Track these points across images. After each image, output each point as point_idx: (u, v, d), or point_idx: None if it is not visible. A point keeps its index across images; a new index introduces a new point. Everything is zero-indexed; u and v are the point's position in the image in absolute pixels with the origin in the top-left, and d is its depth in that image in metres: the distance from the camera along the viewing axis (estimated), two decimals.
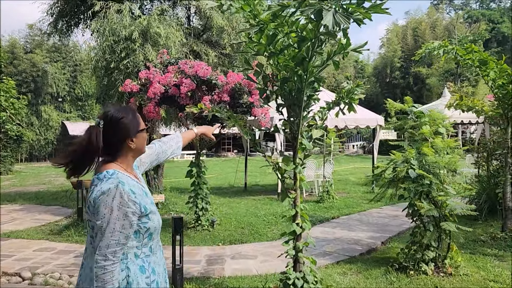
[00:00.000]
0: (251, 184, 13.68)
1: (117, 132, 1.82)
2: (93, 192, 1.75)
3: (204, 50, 9.12)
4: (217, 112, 3.69)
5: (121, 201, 1.72)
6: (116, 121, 1.82)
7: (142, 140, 1.92)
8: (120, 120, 1.83)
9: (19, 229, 7.29)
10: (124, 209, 1.72)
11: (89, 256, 1.81)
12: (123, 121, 1.84)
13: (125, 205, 1.73)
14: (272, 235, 6.94)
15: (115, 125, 1.82)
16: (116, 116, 1.83)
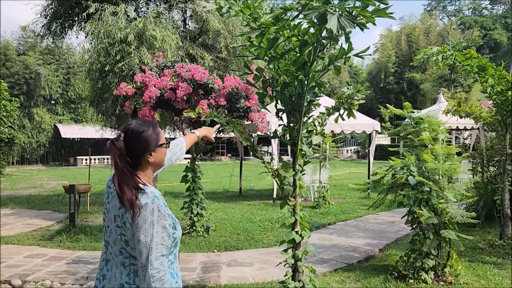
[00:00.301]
0: (246, 188, 13.58)
1: (137, 145, 1.84)
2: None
3: (200, 54, 9.03)
4: (215, 117, 3.60)
5: (159, 214, 1.75)
6: (136, 134, 1.85)
7: (161, 155, 1.93)
8: (140, 133, 1.85)
9: (10, 235, 7.12)
10: (162, 222, 1.76)
11: (115, 267, 1.83)
12: (143, 135, 1.85)
13: (162, 218, 1.76)
14: (268, 241, 6.84)
15: (135, 138, 1.84)
16: (136, 130, 1.86)
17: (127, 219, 1.75)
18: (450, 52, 5.89)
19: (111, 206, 1.84)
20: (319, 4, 2.67)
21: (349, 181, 15.35)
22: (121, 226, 1.78)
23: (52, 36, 9.67)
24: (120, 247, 1.81)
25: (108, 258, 1.87)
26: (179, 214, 8.59)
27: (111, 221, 1.84)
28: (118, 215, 1.78)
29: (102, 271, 1.89)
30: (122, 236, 1.79)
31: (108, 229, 1.86)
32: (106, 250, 1.89)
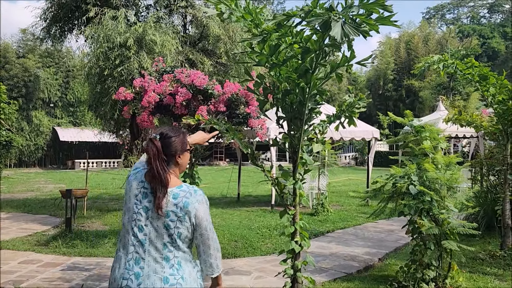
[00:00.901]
0: (244, 194, 13.51)
1: (169, 147, 2.06)
2: (189, 202, 1.98)
3: (200, 59, 9.01)
4: (215, 124, 3.54)
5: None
6: (169, 137, 2.08)
7: (186, 158, 2.18)
8: (172, 137, 2.08)
9: (5, 239, 7.03)
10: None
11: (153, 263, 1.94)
12: (175, 139, 2.09)
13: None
14: (266, 249, 6.76)
15: (168, 141, 2.06)
16: (169, 134, 2.09)
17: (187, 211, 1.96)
18: (451, 61, 5.87)
19: (153, 205, 1.96)
20: (322, 11, 2.63)
21: (347, 188, 15.31)
22: (177, 221, 1.95)
23: (51, 39, 9.64)
24: (166, 242, 1.94)
25: (142, 257, 1.95)
26: None
27: (155, 220, 1.96)
28: (173, 211, 1.95)
29: (133, 270, 1.94)
30: (175, 231, 1.94)
31: (146, 228, 1.97)
32: (136, 250, 1.96)
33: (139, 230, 1.97)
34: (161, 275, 1.92)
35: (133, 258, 1.96)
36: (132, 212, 2.01)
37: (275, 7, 53.44)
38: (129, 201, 2.05)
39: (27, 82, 29.88)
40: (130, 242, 1.99)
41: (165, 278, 1.92)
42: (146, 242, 1.96)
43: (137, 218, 2.00)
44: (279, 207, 10.70)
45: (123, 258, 2.00)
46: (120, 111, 7.25)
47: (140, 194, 2.02)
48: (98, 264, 5.73)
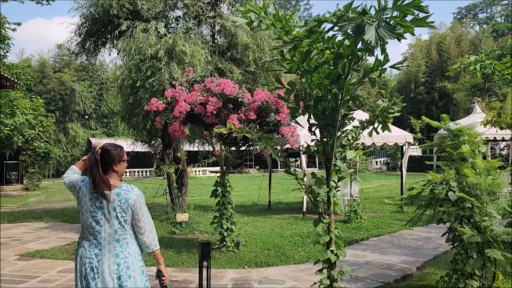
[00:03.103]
0: (274, 201, 13.44)
1: (107, 158, 2.75)
2: (129, 198, 2.70)
3: (229, 68, 9.06)
4: (247, 133, 3.53)
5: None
6: (108, 151, 2.77)
7: (123, 167, 2.85)
8: (110, 151, 2.77)
9: (44, 248, 7.25)
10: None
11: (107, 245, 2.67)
12: (113, 152, 2.78)
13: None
14: (299, 257, 6.67)
15: (107, 154, 2.76)
16: (109, 149, 2.77)
17: (128, 204, 2.68)
18: (488, 61, 5.65)
19: (105, 205, 2.66)
20: (355, 15, 2.58)
21: (380, 194, 14.98)
22: (122, 211, 2.67)
23: (86, 53, 9.96)
24: (116, 229, 2.67)
25: (99, 242, 2.66)
26: (209, 229, 8.57)
27: (106, 214, 2.66)
28: (119, 205, 2.66)
29: (93, 251, 2.66)
30: (122, 219, 2.67)
31: (101, 221, 2.66)
32: (95, 240, 2.67)
33: (96, 224, 2.67)
34: (113, 252, 2.66)
35: (93, 244, 2.68)
36: (89, 211, 2.69)
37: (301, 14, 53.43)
38: (85, 203, 2.71)
39: (63, 95, 31.02)
40: (90, 233, 2.69)
41: (116, 254, 2.66)
42: (102, 231, 2.66)
43: (94, 215, 2.69)
44: (311, 215, 10.58)
45: (86, 245, 2.71)
46: (152, 122, 7.37)
47: (94, 198, 2.69)
48: None
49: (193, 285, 5.29)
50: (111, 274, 2.62)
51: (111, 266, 2.63)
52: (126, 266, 2.66)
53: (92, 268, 2.63)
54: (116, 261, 2.64)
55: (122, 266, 2.65)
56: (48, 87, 30.56)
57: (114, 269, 2.63)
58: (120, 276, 2.64)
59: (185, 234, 8.45)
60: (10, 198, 17.08)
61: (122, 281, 2.64)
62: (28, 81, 17.39)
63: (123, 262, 2.65)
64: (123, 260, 2.65)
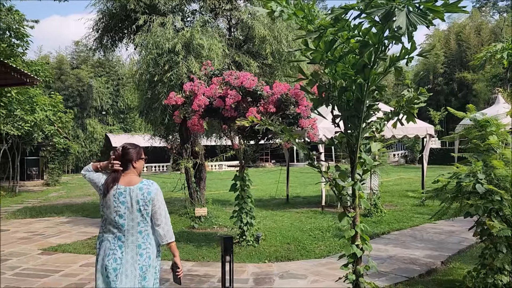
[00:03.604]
0: (292, 195, 13.37)
1: (127, 156, 2.94)
2: (151, 191, 2.87)
3: (246, 61, 8.99)
4: (269, 126, 3.46)
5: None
6: (128, 149, 2.96)
7: (141, 164, 3.04)
8: (130, 149, 2.97)
9: (66, 243, 7.34)
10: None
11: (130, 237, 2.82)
12: (132, 150, 2.97)
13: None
14: (320, 251, 6.60)
15: (127, 151, 2.95)
16: (128, 147, 2.97)
17: (150, 198, 2.85)
18: None
19: (129, 199, 2.82)
20: (384, 1, 2.47)
21: (399, 187, 14.76)
22: (144, 204, 2.83)
23: (103, 49, 10.00)
24: (139, 221, 2.83)
25: (123, 235, 2.80)
26: (228, 223, 8.56)
27: (129, 207, 2.81)
28: (142, 199, 2.82)
29: (117, 244, 2.80)
30: (145, 212, 2.83)
31: (124, 215, 2.80)
32: (118, 232, 2.80)
33: (119, 217, 2.80)
34: (136, 243, 2.81)
35: (116, 236, 2.81)
36: (113, 206, 2.81)
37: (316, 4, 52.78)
38: (108, 199, 2.82)
39: (81, 91, 31.38)
40: (114, 226, 2.82)
41: (139, 245, 2.82)
42: (125, 225, 2.80)
43: (117, 210, 2.81)
44: (330, 208, 10.48)
45: (109, 238, 2.83)
46: (171, 116, 7.36)
47: (117, 193, 2.83)
48: None
49: (214, 279, 5.27)
50: (134, 264, 2.77)
51: (134, 257, 2.78)
52: (148, 256, 2.82)
53: (115, 259, 2.76)
54: (139, 251, 2.79)
55: (144, 257, 2.81)
56: (66, 83, 30.97)
57: (136, 259, 2.78)
58: (142, 266, 2.79)
59: (204, 229, 8.45)
60: (31, 193, 17.41)
61: (145, 271, 2.79)
62: (46, 77, 17.58)
63: (145, 253, 2.81)
64: (145, 251, 2.81)
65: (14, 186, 17.29)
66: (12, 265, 6.03)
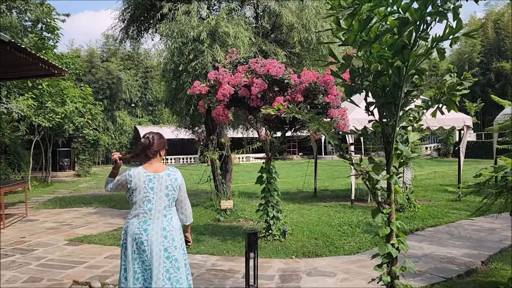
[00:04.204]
0: (320, 189, 13.04)
1: (156, 145, 3.12)
2: (177, 178, 3.12)
3: (273, 50, 8.71)
4: (297, 114, 3.19)
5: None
6: (158, 138, 3.15)
7: (164, 153, 3.21)
8: (161, 138, 3.18)
9: (92, 234, 7.33)
10: None
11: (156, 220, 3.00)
12: (161, 140, 3.16)
13: None
14: (349, 248, 6.31)
15: (156, 141, 3.13)
16: (156, 137, 3.15)
17: (177, 183, 3.10)
18: None
19: (157, 184, 3.03)
20: None
21: (433, 182, 14.17)
22: (172, 190, 3.07)
23: (129, 39, 9.93)
24: (165, 205, 3.04)
25: (149, 218, 2.97)
26: (254, 216, 8.36)
27: (158, 192, 3.02)
28: (170, 184, 3.06)
29: (142, 227, 2.95)
30: (172, 196, 3.07)
31: (153, 200, 3.00)
32: (145, 216, 2.98)
33: (148, 202, 2.99)
34: (161, 226, 2.98)
35: (142, 221, 2.97)
36: (143, 192, 3.00)
37: None
38: (139, 186, 2.99)
39: (110, 84, 31.86)
40: (142, 211, 2.99)
41: (163, 228, 2.99)
42: (153, 209, 2.99)
43: (147, 195, 3.00)
44: (359, 203, 10.12)
45: (135, 222, 2.98)
46: (195, 106, 7.19)
47: (147, 180, 3.02)
48: None
49: (238, 275, 5.08)
50: (159, 246, 2.92)
51: (158, 239, 2.93)
52: (171, 238, 2.98)
53: (142, 242, 2.91)
54: (163, 234, 2.95)
55: (168, 238, 2.97)
56: (96, 76, 31.52)
57: (161, 241, 2.93)
58: (167, 248, 2.94)
59: (229, 222, 8.29)
60: (62, 183, 17.79)
61: (170, 252, 2.95)
62: (76, 70, 17.84)
63: (169, 235, 2.98)
64: (169, 233, 2.98)
65: (46, 176, 17.70)
66: (38, 255, 6.04)
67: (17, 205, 11.01)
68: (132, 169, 3.06)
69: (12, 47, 7.28)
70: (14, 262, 5.70)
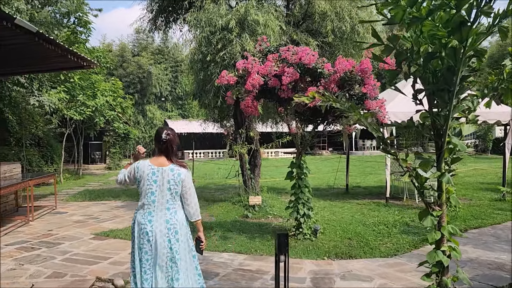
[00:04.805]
0: (352, 185, 12.56)
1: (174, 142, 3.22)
2: (181, 173, 3.14)
3: (305, 39, 8.32)
4: (335, 102, 2.84)
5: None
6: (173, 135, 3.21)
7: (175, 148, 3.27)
8: (174, 135, 3.23)
9: (118, 228, 7.20)
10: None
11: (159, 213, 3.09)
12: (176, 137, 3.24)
13: None
14: (386, 249, 5.89)
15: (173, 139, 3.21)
16: (172, 133, 3.21)
17: (180, 178, 3.12)
18: None
19: (160, 178, 3.11)
20: None
21: (473, 179, 13.41)
22: (174, 184, 3.10)
23: (157, 30, 9.77)
24: (168, 199, 3.09)
25: (153, 209, 3.08)
26: (283, 213, 8.05)
27: (161, 186, 3.09)
28: (172, 179, 3.10)
29: (147, 218, 3.07)
30: (174, 191, 3.10)
31: (156, 192, 3.09)
32: (149, 208, 3.08)
33: (151, 194, 3.09)
34: (164, 219, 3.06)
35: (147, 212, 3.08)
36: (146, 184, 3.11)
37: None
38: (143, 178, 3.12)
39: (141, 78, 32.18)
40: (146, 202, 3.10)
41: (167, 220, 3.06)
42: (156, 201, 3.08)
43: (150, 187, 3.10)
44: (394, 200, 9.61)
45: (141, 213, 3.12)
46: (223, 98, 6.92)
47: (150, 173, 3.12)
48: (204, 259, 5.44)
49: (267, 276, 4.78)
50: (162, 237, 3.03)
51: (162, 230, 3.04)
52: (174, 231, 3.07)
53: (147, 232, 3.04)
54: (167, 226, 3.05)
55: (171, 231, 3.06)
56: (127, 70, 31.89)
57: (165, 233, 3.04)
58: (170, 239, 3.04)
59: (258, 218, 8.00)
60: (93, 176, 18.02)
61: (172, 244, 3.04)
62: (107, 64, 17.98)
63: (172, 228, 3.07)
64: (172, 226, 3.07)
65: (78, 169, 17.97)
66: (63, 249, 5.94)
67: (48, 197, 11.13)
68: (140, 161, 3.26)
69: (40, 38, 7.24)
70: (39, 256, 5.61)
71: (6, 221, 7.78)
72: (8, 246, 6.12)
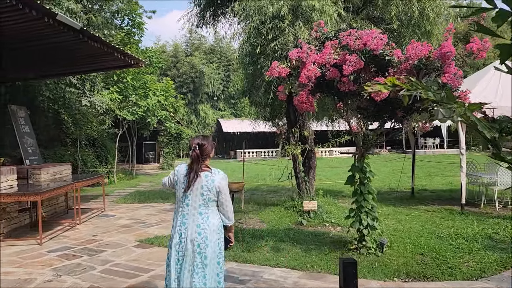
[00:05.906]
0: (418, 188, 11.40)
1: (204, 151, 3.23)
2: (214, 179, 3.15)
3: (366, 27, 7.42)
4: (425, 91, 2.05)
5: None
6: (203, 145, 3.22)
7: (213, 153, 3.36)
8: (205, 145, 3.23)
9: (163, 235, 6.75)
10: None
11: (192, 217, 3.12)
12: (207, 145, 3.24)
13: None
14: (468, 270, 4.92)
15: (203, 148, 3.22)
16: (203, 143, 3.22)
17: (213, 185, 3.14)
18: None
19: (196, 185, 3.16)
20: None
21: None
22: (207, 190, 3.13)
23: (205, 25, 9.29)
24: (200, 203, 3.14)
25: (187, 213, 3.13)
26: (342, 221, 7.25)
27: (194, 190, 3.13)
28: (205, 185, 3.13)
29: (181, 222, 3.13)
30: (207, 197, 3.14)
31: (189, 197, 3.14)
32: (183, 211, 3.15)
33: (185, 198, 3.17)
34: (196, 223, 3.12)
35: (181, 215, 3.16)
36: (181, 187, 3.18)
37: None
38: (179, 181, 3.20)
39: (194, 78, 32.36)
40: (181, 205, 3.18)
41: (198, 225, 3.11)
42: (189, 206, 3.15)
43: (185, 192, 3.17)
44: (471, 207, 8.45)
45: (178, 215, 3.19)
46: (275, 94, 6.25)
47: (186, 177, 3.18)
48: (254, 275, 4.81)
49: None
50: (192, 241, 3.05)
51: (193, 235, 3.06)
52: (205, 236, 3.06)
53: (180, 234, 3.11)
54: (197, 230, 3.06)
55: (202, 235, 3.06)
56: (180, 70, 32.20)
57: (195, 237, 3.05)
58: (199, 244, 3.04)
59: (313, 226, 7.24)
60: (146, 176, 18.06)
61: (201, 248, 3.04)
62: (160, 64, 17.95)
63: (202, 233, 3.06)
64: (203, 231, 3.07)
65: (132, 169, 18.12)
66: (105, 258, 5.56)
67: (100, 197, 11.06)
68: (180, 165, 3.33)
69: (85, 35, 6.98)
70: (79, 265, 5.26)
71: (54, 224, 7.63)
72: (51, 253, 5.85)
